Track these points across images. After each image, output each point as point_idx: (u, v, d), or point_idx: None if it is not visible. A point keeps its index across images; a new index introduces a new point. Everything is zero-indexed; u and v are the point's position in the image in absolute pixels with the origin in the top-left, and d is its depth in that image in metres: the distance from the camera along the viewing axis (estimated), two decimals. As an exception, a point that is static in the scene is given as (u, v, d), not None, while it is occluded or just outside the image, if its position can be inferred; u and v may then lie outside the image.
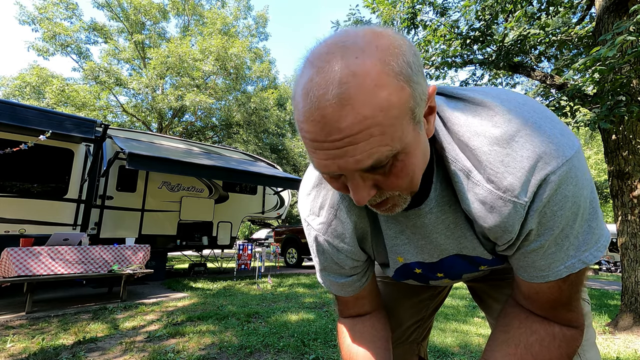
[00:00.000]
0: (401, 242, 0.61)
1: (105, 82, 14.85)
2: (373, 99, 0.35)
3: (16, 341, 2.52)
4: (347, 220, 0.59)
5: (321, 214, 0.61)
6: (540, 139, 0.42)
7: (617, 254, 14.48)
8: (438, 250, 0.59)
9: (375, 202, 0.45)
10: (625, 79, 3.05)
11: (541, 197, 0.43)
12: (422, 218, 0.54)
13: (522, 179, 0.43)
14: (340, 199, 0.58)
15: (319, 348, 2.49)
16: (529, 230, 0.46)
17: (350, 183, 0.42)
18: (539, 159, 0.42)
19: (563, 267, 0.48)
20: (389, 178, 0.42)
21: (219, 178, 6.55)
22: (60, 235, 3.86)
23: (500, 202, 0.44)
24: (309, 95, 0.36)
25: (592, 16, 5.00)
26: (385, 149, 0.38)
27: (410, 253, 0.61)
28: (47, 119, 4.21)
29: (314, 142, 0.38)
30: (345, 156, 0.37)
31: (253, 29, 19.07)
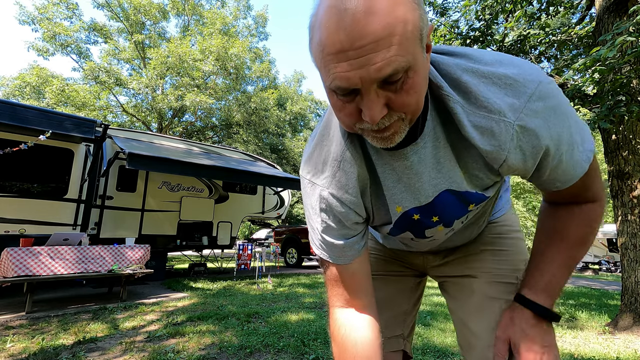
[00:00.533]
0: (399, 191, 0.65)
1: (105, 82, 14.85)
2: (394, 10, 0.40)
3: (16, 341, 2.52)
4: (351, 170, 0.62)
5: (325, 169, 0.64)
6: (518, 70, 0.52)
7: (617, 254, 14.49)
8: (431, 188, 0.63)
9: (383, 125, 0.48)
10: (625, 79, 3.05)
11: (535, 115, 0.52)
12: (417, 154, 0.59)
13: (508, 102, 0.51)
14: (342, 151, 0.61)
15: (319, 348, 2.49)
16: (545, 147, 0.54)
17: (365, 100, 0.45)
18: (518, 86, 0.51)
19: (583, 162, 0.58)
20: (400, 95, 0.45)
21: (219, 178, 6.55)
22: (60, 235, 3.86)
23: (493, 124, 0.52)
24: (338, 9, 0.41)
25: (592, 16, 5.00)
26: (402, 59, 0.42)
27: (407, 200, 0.65)
28: (47, 119, 4.21)
29: (339, 54, 0.42)
30: (367, 64, 0.41)
31: (253, 29, 19.08)
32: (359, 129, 0.52)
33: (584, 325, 3.58)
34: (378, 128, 0.49)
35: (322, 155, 0.64)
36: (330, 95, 0.49)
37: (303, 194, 0.70)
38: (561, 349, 2.70)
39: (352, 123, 0.51)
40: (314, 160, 0.65)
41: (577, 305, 4.64)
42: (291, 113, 22.56)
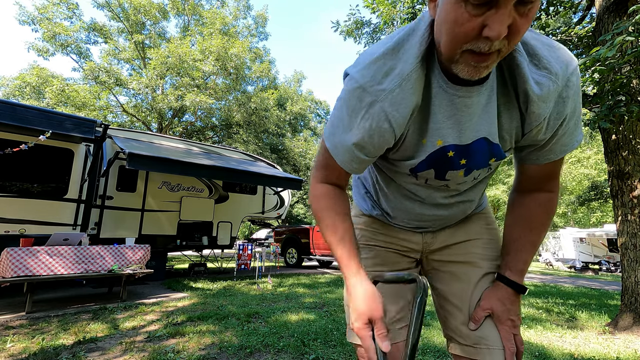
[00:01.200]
0: (447, 126, 0.68)
1: (105, 82, 14.85)
2: None
3: (16, 341, 2.52)
4: (410, 91, 0.64)
5: (384, 82, 0.64)
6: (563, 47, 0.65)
7: (617, 254, 14.48)
8: (474, 131, 0.69)
9: (495, 48, 0.52)
10: (625, 79, 3.05)
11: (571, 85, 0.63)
12: (478, 97, 0.65)
13: (562, 69, 0.62)
14: (410, 71, 0.63)
15: (319, 348, 2.49)
16: (565, 115, 0.65)
17: (498, 15, 0.49)
18: (568, 60, 0.63)
19: (575, 142, 0.70)
20: (522, 21, 0.50)
21: (219, 178, 6.55)
22: (60, 235, 3.86)
23: (550, 83, 0.62)
24: None
25: (592, 16, 5.00)
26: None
27: (451, 135, 0.69)
28: (47, 119, 4.21)
29: None
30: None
31: (253, 29, 19.08)
32: (462, 51, 0.55)
33: (584, 325, 3.58)
34: (487, 50, 0.52)
35: (386, 68, 0.64)
36: (457, 7, 0.51)
37: (346, 92, 0.69)
38: (561, 349, 2.70)
39: (463, 42, 0.53)
40: (374, 69, 0.65)
41: (577, 305, 4.64)
42: (291, 113, 22.57)
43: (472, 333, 0.82)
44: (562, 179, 19.88)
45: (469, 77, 0.57)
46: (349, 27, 6.21)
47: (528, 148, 0.73)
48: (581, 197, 20.19)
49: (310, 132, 25.50)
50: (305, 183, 16.35)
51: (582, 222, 24.21)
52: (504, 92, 0.66)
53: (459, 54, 0.55)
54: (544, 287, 6.84)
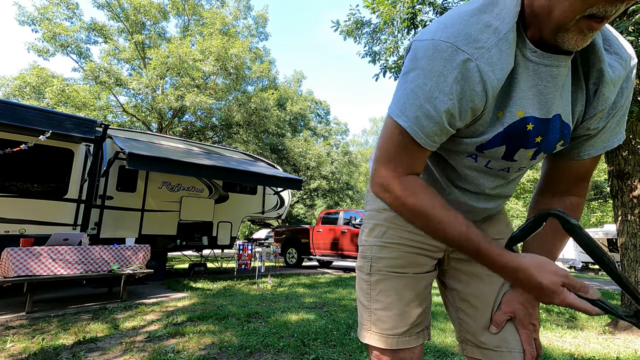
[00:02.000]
0: (529, 95, 0.64)
1: (105, 82, 14.85)
2: None
3: (16, 341, 2.52)
4: (506, 51, 0.59)
5: (479, 39, 0.58)
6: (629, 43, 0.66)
7: (617, 254, 14.49)
8: (554, 105, 0.66)
9: (611, 13, 0.51)
10: (625, 79, 3.05)
11: (632, 77, 0.65)
12: (563, 68, 0.63)
13: (630, 57, 0.64)
14: (508, 30, 0.58)
15: (319, 348, 2.49)
16: (620, 105, 0.66)
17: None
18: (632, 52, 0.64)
19: (619, 138, 0.70)
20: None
21: (219, 178, 6.55)
22: (60, 235, 3.86)
23: (620, 67, 0.63)
24: None
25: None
26: None
27: (532, 107, 0.65)
28: (47, 119, 4.21)
29: None
30: None
31: (253, 29, 19.09)
32: (582, 17, 0.52)
33: (584, 325, 3.58)
34: (606, 15, 0.51)
35: (481, 24, 0.59)
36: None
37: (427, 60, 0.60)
38: (561, 349, 2.70)
39: (590, 4, 0.50)
40: (467, 25, 0.59)
41: (577, 305, 4.64)
42: (291, 113, 22.57)
43: (493, 336, 0.80)
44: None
45: (574, 47, 0.56)
46: (349, 27, 6.21)
47: (575, 140, 0.71)
48: (581, 197, 20.18)
49: (310, 132, 25.48)
50: (305, 183, 16.31)
51: (582, 222, 24.20)
52: (575, 72, 0.66)
53: (576, 21, 0.52)
54: (544, 287, 6.83)
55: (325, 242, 8.70)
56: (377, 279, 0.88)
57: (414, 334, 0.86)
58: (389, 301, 0.86)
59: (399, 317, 0.85)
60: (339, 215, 8.83)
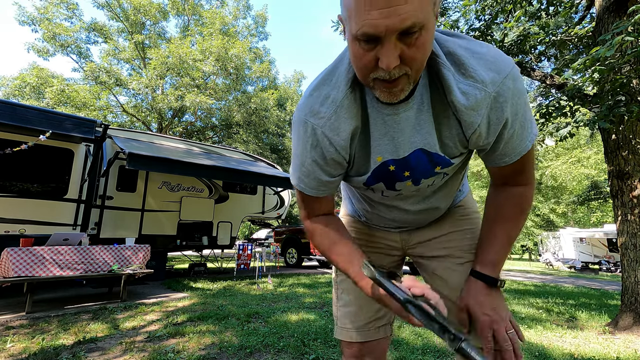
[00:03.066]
0: (383, 143, 0.73)
1: (105, 82, 14.84)
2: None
3: (16, 341, 2.52)
4: (345, 116, 0.69)
5: (322, 110, 0.70)
6: (497, 53, 0.65)
7: (617, 254, 14.48)
8: (409, 144, 0.72)
9: (394, 75, 0.56)
10: (625, 79, 3.05)
11: (506, 90, 0.63)
12: (405, 112, 0.68)
13: (491, 76, 0.63)
14: (342, 97, 0.68)
15: (319, 348, 2.49)
16: (505, 119, 0.66)
17: (384, 49, 0.53)
18: (500, 66, 0.63)
19: (528, 142, 0.70)
20: (412, 49, 0.54)
21: (219, 178, 6.55)
22: (60, 235, 3.86)
23: (477, 92, 0.63)
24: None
25: (592, 16, 5.00)
26: (420, 16, 0.51)
27: (388, 151, 0.74)
28: (47, 119, 4.21)
29: (372, 2, 0.50)
30: (393, 15, 0.49)
31: (252, 29, 19.07)
32: (372, 79, 0.59)
33: (584, 325, 3.58)
34: (389, 78, 0.57)
35: (321, 97, 0.70)
36: (353, 44, 0.56)
37: (294, 127, 0.76)
38: (561, 349, 2.70)
39: (368, 72, 0.58)
40: (313, 98, 0.71)
41: (577, 305, 4.64)
42: (291, 113, 22.53)
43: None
44: (562, 179, 19.85)
45: (388, 100, 0.62)
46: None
47: (481, 152, 0.75)
48: (581, 197, 20.18)
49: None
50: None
51: (582, 222, 24.20)
52: (441, 101, 0.67)
53: (371, 81, 0.60)
54: (544, 287, 6.84)
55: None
56: (341, 279, 1.03)
57: (374, 327, 0.97)
58: (349, 298, 0.99)
59: (357, 313, 0.97)
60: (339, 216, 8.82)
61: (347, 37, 0.58)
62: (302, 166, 0.77)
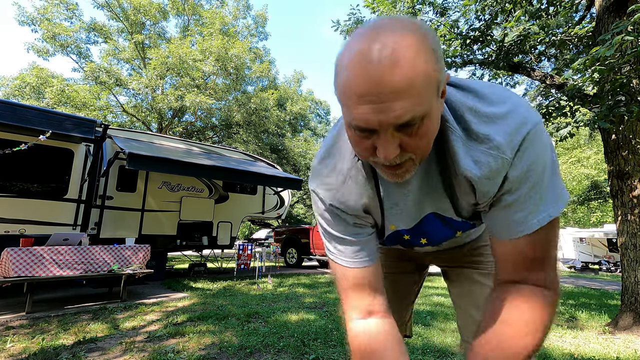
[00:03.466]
0: (395, 212, 0.70)
1: (105, 82, 14.83)
2: (417, 64, 0.43)
3: (16, 341, 2.52)
4: (354, 187, 0.66)
5: (330, 181, 0.68)
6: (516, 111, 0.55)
7: (617, 254, 14.48)
8: (418, 210, 0.69)
9: (394, 162, 0.52)
10: (625, 79, 3.05)
11: (521, 154, 0.54)
12: (409, 185, 0.65)
13: (507, 140, 0.54)
14: (349, 168, 0.65)
15: (319, 348, 2.49)
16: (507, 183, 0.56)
17: (381, 140, 0.49)
18: (518, 125, 0.54)
19: (535, 221, 0.56)
20: (413, 139, 0.49)
21: (219, 178, 6.55)
22: (60, 235, 3.86)
23: (491, 159, 0.55)
24: (365, 56, 0.43)
25: (592, 16, 5.00)
26: (419, 109, 0.45)
27: (399, 222, 0.72)
28: (47, 119, 4.21)
29: (362, 97, 0.45)
30: (387, 111, 0.44)
31: (252, 29, 19.07)
32: (372, 161, 0.55)
33: (584, 325, 3.57)
34: (390, 164, 0.52)
35: (328, 168, 0.68)
36: (349, 129, 0.52)
37: (313, 204, 0.75)
38: (561, 349, 2.70)
39: (367, 155, 0.54)
40: (320, 172, 0.69)
41: (577, 305, 4.64)
42: (291, 113, 22.55)
43: None
44: (562, 179, 19.81)
45: (393, 181, 0.57)
46: (349, 27, 6.20)
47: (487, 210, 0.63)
48: (581, 197, 20.18)
49: (310, 132, 25.49)
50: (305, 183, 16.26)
51: (582, 222, 24.21)
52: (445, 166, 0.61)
53: (372, 162, 0.55)
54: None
55: (325, 242, 8.70)
56: None
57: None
58: None
59: None
60: (339, 215, 8.82)
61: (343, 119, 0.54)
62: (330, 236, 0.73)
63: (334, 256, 0.73)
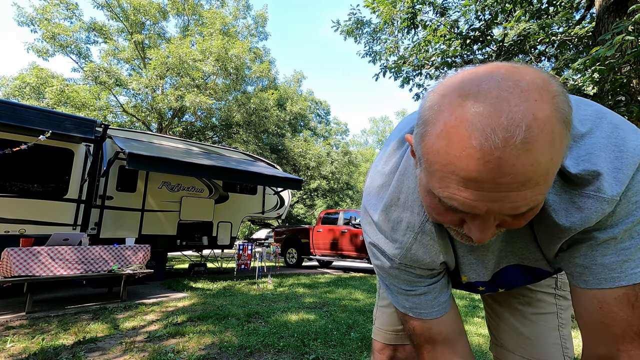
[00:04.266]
0: (468, 261, 0.61)
1: (105, 82, 14.84)
2: (551, 147, 0.33)
3: (16, 341, 2.52)
4: (429, 243, 0.56)
5: (396, 239, 0.57)
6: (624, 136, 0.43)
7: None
8: (498, 264, 0.60)
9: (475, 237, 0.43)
10: (625, 79, 3.05)
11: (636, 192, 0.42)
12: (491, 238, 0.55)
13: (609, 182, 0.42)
14: (422, 222, 0.55)
15: (319, 348, 2.49)
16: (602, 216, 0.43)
17: (478, 222, 0.39)
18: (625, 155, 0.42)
19: (638, 270, 0.43)
20: (518, 220, 0.40)
21: (219, 178, 6.55)
22: (60, 235, 3.86)
23: (597, 204, 0.43)
24: (485, 133, 0.32)
25: (592, 16, 5.00)
26: (541, 197, 0.36)
27: (473, 273, 0.62)
28: (47, 119, 4.21)
29: (470, 182, 0.35)
30: (503, 200, 0.35)
31: (252, 29, 19.07)
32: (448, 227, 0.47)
33: (584, 325, 3.57)
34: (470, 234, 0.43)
35: (391, 222, 0.57)
36: (429, 196, 0.43)
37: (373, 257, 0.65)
38: (561, 348, 2.69)
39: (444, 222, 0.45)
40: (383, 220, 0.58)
41: (577, 305, 4.63)
42: (291, 113, 22.56)
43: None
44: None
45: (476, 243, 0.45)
46: (349, 27, 6.21)
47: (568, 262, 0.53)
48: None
49: (310, 132, 25.49)
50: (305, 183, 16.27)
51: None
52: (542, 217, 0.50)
53: (456, 231, 0.47)
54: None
55: (325, 242, 8.70)
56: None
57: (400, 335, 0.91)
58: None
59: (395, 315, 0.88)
60: (339, 216, 8.83)
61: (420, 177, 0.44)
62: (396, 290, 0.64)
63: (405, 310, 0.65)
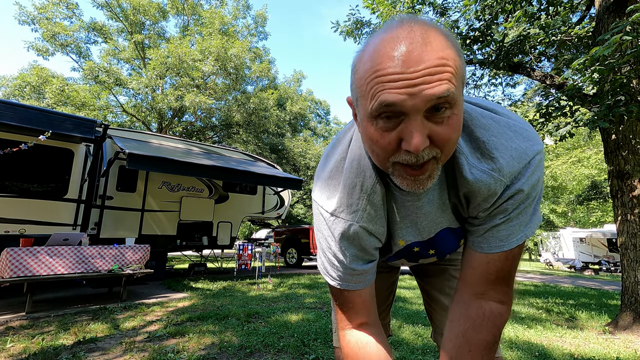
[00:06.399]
0: (404, 226, 0.69)
1: (105, 82, 14.83)
2: (447, 48, 0.45)
3: (16, 341, 2.52)
4: (379, 202, 0.64)
5: (352, 203, 0.63)
6: (521, 137, 0.58)
7: (617, 254, 14.48)
8: (435, 225, 0.69)
9: (422, 159, 0.49)
10: (625, 79, 3.05)
11: (519, 179, 0.57)
12: (427, 196, 0.64)
13: (509, 164, 0.57)
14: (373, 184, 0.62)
15: (319, 348, 2.49)
16: (502, 203, 0.59)
17: (411, 126, 0.46)
18: (521, 152, 0.57)
19: (515, 240, 0.61)
20: (444, 128, 0.47)
21: (219, 178, 6.55)
22: (60, 235, 3.86)
23: (491, 180, 0.57)
24: (395, 39, 0.44)
25: (592, 16, 5.00)
26: (453, 88, 0.44)
27: (410, 235, 0.71)
28: (47, 119, 4.21)
29: (393, 75, 0.44)
30: (420, 85, 0.43)
31: (252, 29, 19.06)
32: (392, 164, 0.52)
33: (584, 325, 3.58)
34: (416, 162, 0.49)
35: (347, 188, 0.63)
36: (368, 126, 0.50)
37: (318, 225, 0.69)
38: (561, 349, 2.70)
39: (387, 156, 0.51)
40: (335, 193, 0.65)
41: (577, 305, 4.64)
42: (291, 113, 22.54)
43: None
44: (562, 179, 19.87)
45: (412, 190, 0.54)
46: (348, 28, 6.20)
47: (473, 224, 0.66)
48: (581, 197, 20.19)
49: (310, 132, 25.48)
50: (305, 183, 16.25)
51: (582, 222, 24.20)
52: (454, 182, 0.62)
53: (391, 166, 0.52)
54: (544, 287, 6.84)
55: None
56: None
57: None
58: None
59: None
60: (339, 215, 8.82)
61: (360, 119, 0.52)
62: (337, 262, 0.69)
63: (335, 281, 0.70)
